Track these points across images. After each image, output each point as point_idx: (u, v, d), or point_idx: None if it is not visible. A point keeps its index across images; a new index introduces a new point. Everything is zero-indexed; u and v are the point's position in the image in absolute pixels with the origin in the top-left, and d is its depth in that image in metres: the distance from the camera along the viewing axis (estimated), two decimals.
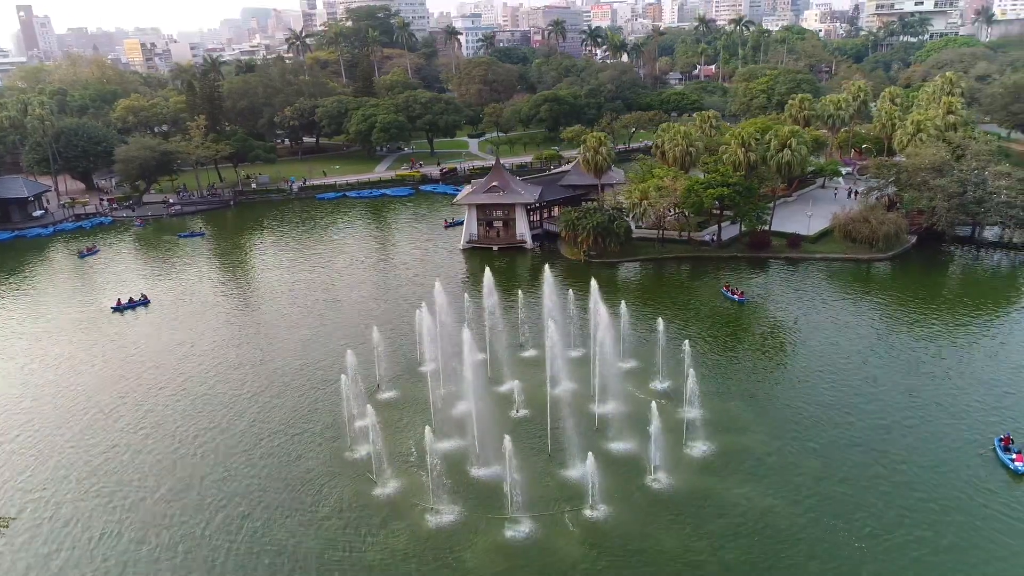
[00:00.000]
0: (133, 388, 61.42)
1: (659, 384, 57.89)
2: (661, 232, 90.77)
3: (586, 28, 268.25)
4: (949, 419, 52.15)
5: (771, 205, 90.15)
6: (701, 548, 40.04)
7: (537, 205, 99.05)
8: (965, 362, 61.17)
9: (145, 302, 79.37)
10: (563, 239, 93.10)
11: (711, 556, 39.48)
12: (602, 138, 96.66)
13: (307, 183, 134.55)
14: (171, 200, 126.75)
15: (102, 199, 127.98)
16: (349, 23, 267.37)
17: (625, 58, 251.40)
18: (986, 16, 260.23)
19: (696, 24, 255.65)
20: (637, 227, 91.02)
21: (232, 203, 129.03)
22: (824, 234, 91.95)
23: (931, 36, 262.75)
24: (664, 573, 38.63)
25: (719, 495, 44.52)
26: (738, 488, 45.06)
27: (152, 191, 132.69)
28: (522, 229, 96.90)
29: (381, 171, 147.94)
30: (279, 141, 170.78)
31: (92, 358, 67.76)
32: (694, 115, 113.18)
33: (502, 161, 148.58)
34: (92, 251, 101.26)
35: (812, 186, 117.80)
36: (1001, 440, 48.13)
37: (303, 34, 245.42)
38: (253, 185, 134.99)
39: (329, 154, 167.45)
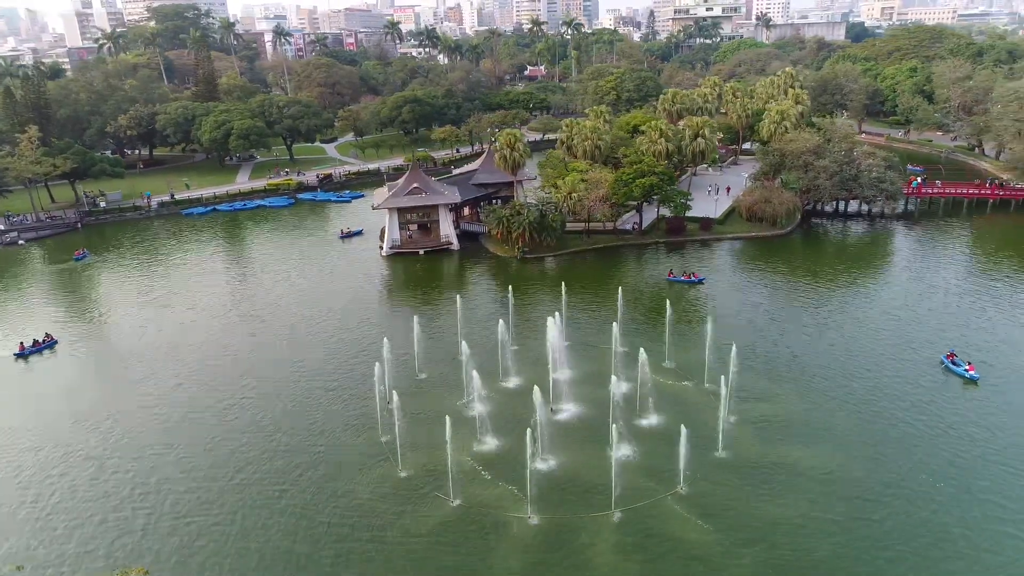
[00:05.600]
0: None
1: (670, 364, 59.74)
2: (587, 224, 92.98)
3: (422, 29, 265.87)
4: (909, 350, 60.36)
5: (689, 193, 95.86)
6: (811, 513, 41.97)
7: (459, 205, 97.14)
8: (900, 306, 71.35)
9: (52, 343, 66.94)
10: (493, 237, 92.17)
11: (824, 516, 41.64)
12: (517, 135, 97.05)
13: (174, 197, 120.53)
14: (0, 227, 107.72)
15: None
16: (152, 23, 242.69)
17: (444, 60, 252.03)
18: (764, 21, 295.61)
19: (530, 26, 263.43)
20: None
21: (79, 225, 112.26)
22: (728, 215, 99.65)
23: (722, 39, 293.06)
24: (799, 542, 39.91)
25: (789, 460, 47.00)
26: (801, 451, 47.92)
27: None
28: (447, 230, 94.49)
29: (243, 181, 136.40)
30: (106, 153, 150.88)
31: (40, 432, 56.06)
32: (587, 111, 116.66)
33: (371, 165, 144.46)
34: None
35: (685, 175, 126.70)
36: (947, 356, 58.43)
37: (115, 35, 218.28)
38: (102, 204, 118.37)
39: (169, 166, 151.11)
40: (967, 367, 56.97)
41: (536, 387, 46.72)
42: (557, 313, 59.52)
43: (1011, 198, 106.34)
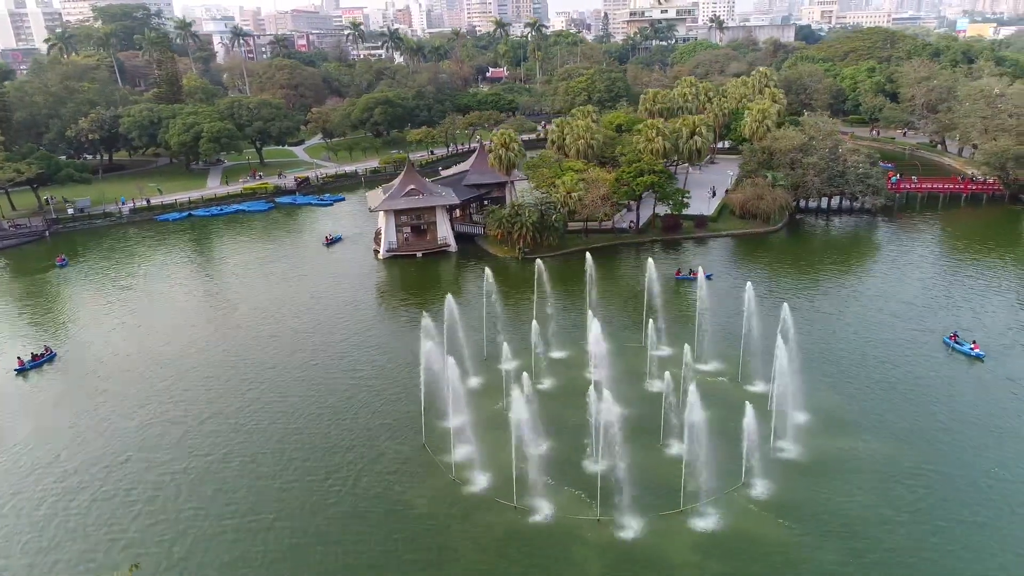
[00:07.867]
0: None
1: (706, 366, 59.75)
2: (586, 223, 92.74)
3: (384, 31, 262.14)
4: (927, 334, 62.06)
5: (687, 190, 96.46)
6: (879, 503, 42.44)
7: (456, 206, 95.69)
8: (909, 294, 74.11)
9: (51, 356, 63.07)
10: (490, 238, 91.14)
11: (893, 505, 42.14)
12: (512, 134, 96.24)
13: (150, 202, 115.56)
14: None
15: None
16: (99, 23, 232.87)
17: (401, 61, 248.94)
18: (718, 23, 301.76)
19: (490, 28, 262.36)
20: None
21: (47, 234, 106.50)
22: (719, 212, 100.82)
23: (676, 41, 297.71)
24: (873, 532, 40.24)
25: (844, 451, 47.58)
26: (853, 440, 48.58)
27: None
28: (444, 232, 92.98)
29: (214, 185, 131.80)
30: (61, 158, 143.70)
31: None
32: (574, 111, 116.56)
33: (347, 168, 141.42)
34: None
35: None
36: (949, 337, 61.65)
37: (66, 35, 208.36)
38: (70, 211, 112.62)
39: (130, 171, 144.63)
40: (972, 346, 59.67)
41: (592, 388, 46.04)
42: (591, 313, 58.92)
43: (983, 191, 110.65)
